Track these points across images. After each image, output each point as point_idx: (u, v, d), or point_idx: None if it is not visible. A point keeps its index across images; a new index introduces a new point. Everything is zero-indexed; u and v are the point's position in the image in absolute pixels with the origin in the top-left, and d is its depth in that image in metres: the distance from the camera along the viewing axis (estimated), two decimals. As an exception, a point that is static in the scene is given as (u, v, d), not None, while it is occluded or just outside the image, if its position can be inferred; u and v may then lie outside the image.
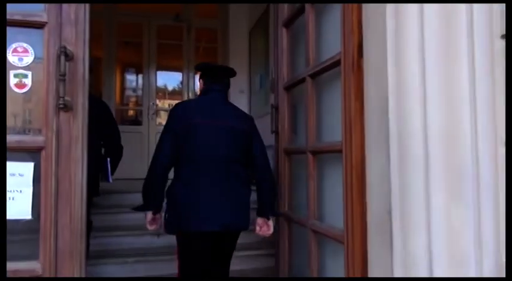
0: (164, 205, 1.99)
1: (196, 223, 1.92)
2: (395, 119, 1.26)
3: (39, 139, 1.33)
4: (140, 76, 6.49)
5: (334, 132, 1.64)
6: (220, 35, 6.35)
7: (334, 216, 1.68)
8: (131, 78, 7.22)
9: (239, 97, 6.02)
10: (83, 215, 1.30)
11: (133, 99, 7.17)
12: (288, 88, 2.17)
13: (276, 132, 2.27)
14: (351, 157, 1.46)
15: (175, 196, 1.97)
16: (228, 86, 2.24)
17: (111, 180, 2.95)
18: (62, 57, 1.26)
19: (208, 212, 1.93)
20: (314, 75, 1.83)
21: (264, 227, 2.15)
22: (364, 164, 1.42)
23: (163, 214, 2.01)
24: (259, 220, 2.13)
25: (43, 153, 1.33)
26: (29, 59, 1.34)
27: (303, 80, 1.92)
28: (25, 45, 1.33)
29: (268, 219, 2.12)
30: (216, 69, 2.27)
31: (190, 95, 6.25)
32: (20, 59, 1.32)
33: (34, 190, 1.30)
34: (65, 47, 1.27)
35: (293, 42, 2.21)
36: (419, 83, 1.22)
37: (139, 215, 3.28)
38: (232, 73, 2.28)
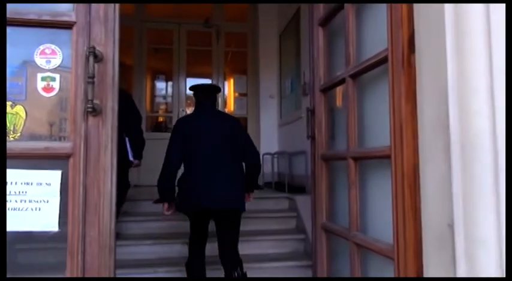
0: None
1: (197, 203, 2.66)
2: (458, 122, 1.11)
3: (67, 145, 1.27)
4: (170, 83, 6.50)
5: (378, 137, 1.58)
6: (250, 39, 6.32)
7: (380, 228, 1.58)
8: (161, 85, 7.27)
9: (269, 102, 5.98)
10: (112, 229, 1.23)
11: (163, 106, 7.20)
12: (325, 90, 2.08)
13: (312, 137, 2.18)
14: (401, 163, 1.33)
15: (183, 186, 2.73)
16: (215, 99, 2.95)
17: (131, 157, 3.31)
18: (91, 58, 1.20)
19: (205, 195, 2.64)
20: (355, 75, 1.73)
21: (248, 198, 2.90)
22: (418, 172, 1.28)
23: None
24: (246, 194, 2.87)
25: (71, 160, 1.27)
26: (57, 61, 1.28)
27: (342, 81, 1.83)
28: (53, 46, 1.29)
29: (252, 192, 2.94)
30: (204, 87, 2.96)
31: (219, 101, 6.21)
32: (48, 61, 1.27)
33: (61, 200, 1.22)
34: (93, 48, 1.22)
35: (330, 41, 2.12)
36: (486, 80, 1.07)
37: (167, 223, 3.31)
38: (218, 89, 3.05)
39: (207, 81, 6.33)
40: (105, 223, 1.24)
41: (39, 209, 1.23)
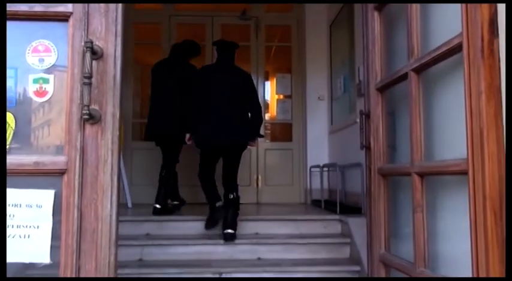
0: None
1: (210, 139, 3.83)
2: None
3: (60, 160, 1.24)
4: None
5: (451, 147, 1.53)
6: (295, 32, 6.27)
7: (455, 265, 1.51)
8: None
9: (317, 105, 5.93)
10: (112, 261, 1.18)
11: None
12: (383, 89, 2.01)
13: (366, 147, 2.13)
14: (482, 181, 1.24)
15: (199, 127, 3.87)
16: (232, 54, 4.04)
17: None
18: (88, 55, 1.17)
19: (214, 133, 3.79)
20: (420, 69, 1.66)
21: (252, 143, 4.10)
22: (504, 193, 1.16)
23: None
24: (250, 141, 4.03)
25: (65, 178, 1.24)
26: (51, 59, 1.26)
27: (404, 77, 1.76)
28: (47, 42, 1.26)
29: (255, 139, 4.13)
30: (220, 43, 4.13)
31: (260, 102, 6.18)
32: (41, 60, 1.25)
33: (53, 226, 1.19)
34: (91, 42, 1.19)
35: (388, 29, 2.08)
36: None
37: (194, 248, 3.37)
38: (234, 46, 4.10)
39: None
40: (103, 253, 1.19)
41: (28, 236, 1.19)
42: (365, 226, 2.18)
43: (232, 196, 3.88)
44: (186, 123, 4.01)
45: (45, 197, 1.22)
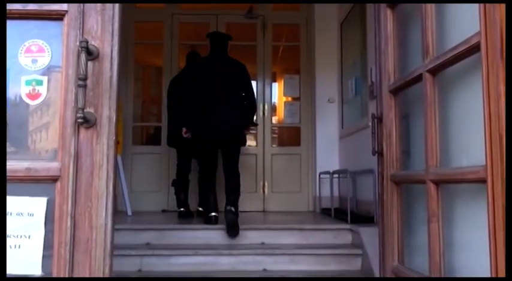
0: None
1: (208, 131, 4.15)
2: None
3: (53, 166, 1.24)
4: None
5: (469, 153, 1.53)
6: (304, 31, 6.28)
7: (472, 276, 1.49)
8: (197, 89, 7.35)
9: (327, 108, 5.92)
10: (107, 273, 1.17)
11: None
12: (396, 91, 2.00)
13: (379, 152, 2.12)
14: (501, 190, 1.21)
15: (196, 120, 4.20)
16: (225, 45, 4.41)
17: None
18: (83, 55, 1.17)
19: (213, 125, 4.10)
20: (436, 70, 1.64)
21: (247, 131, 4.51)
22: None
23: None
24: (245, 129, 4.42)
25: (58, 185, 1.24)
26: (45, 60, 1.26)
27: (418, 79, 1.75)
28: (40, 42, 1.26)
29: (248, 127, 4.48)
30: (213, 34, 4.59)
31: (266, 107, 6.17)
32: (34, 61, 1.25)
33: (45, 235, 1.18)
34: (86, 42, 1.19)
35: (402, 28, 2.07)
36: None
37: (197, 259, 3.47)
38: (227, 37, 4.53)
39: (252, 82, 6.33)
40: (97, 264, 1.19)
41: (19, 247, 1.18)
42: (377, 236, 2.17)
43: (232, 184, 4.24)
44: (182, 118, 4.42)
45: (37, 205, 1.21)
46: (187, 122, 4.29)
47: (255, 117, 5.20)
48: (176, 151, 5.17)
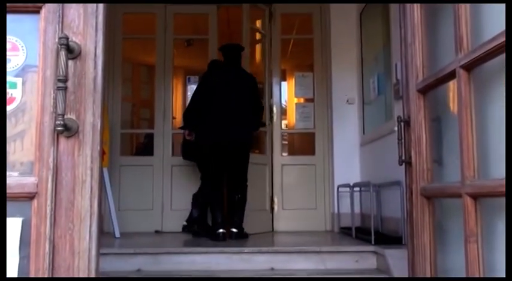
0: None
1: (215, 138, 4.83)
2: None
3: (29, 182, 1.25)
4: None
5: None
6: (317, 21, 6.30)
7: None
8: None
9: (346, 110, 5.90)
10: None
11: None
12: (426, 90, 2.02)
13: (406, 162, 2.14)
14: None
15: (204, 127, 4.92)
16: (237, 56, 5.16)
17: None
18: (63, 53, 1.18)
19: (221, 133, 4.81)
20: (471, 66, 1.65)
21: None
22: None
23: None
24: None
25: (34, 203, 1.25)
26: (19, 60, 1.28)
27: (451, 76, 1.76)
28: (14, 39, 1.28)
29: (257, 128, 5.31)
30: (225, 46, 5.29)
31: (275, 110, 6.19)
32: (7, 61, 1.26)
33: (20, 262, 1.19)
34: (66, 38, 1.20)
35: (431, 17, 2.10)
36: None
37: None
38: (239, 48, 5.24)
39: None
40: (82, 301, 1.19)
41: (-10, 277, 1.19)
42: (406, 259, 2.17)
43: (237, 197, 4.88)
44: (186, 120, 5.16)
45: (10, 226, 1.22)
46: (193, 126, 5.07)
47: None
48: (197, 164, 5.44)
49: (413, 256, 2.05)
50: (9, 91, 1.26)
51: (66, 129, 1.23)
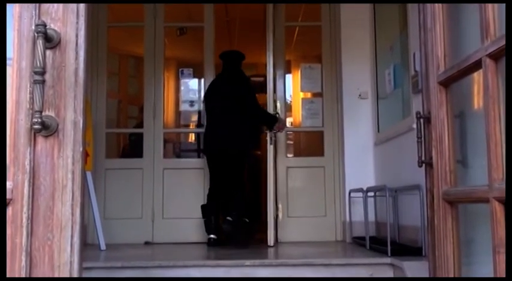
0: None
1: (210, 146, 5.55)
2: None
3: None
4: (203, 81, 6.58)
5: None
6: (326, 7, 6.29)
7: None
8: (189, 85, 7.38)
9: (358, 105, 5.89)
10: None
11: (194, 116, 7.32)
12: (448, 82, 2.04)
13: (427, 163, 2.16)
14: None
15: (204, 135, 5.70)
16: (235, 63, 5.74)
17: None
18: (40, 42, 1.17)
19: (215, 142, 5.46)
20: (499, 55, 1.66)
21: (279, 129, 5.73)
22: None
23: None
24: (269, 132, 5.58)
25: (9, 211, 1.25)
26: (-10, 50, 1.27)
27: (476, 66, 1.78)
28: (-15, 28, 1.27)
29: (271, 128, 5.55)
30: (223, 53, 5.82)
31: (278, 106, 6.17)
32: (-24, 52, 1.26)
33: (-6, 277, 1.19)
34: (44, 25, 1.20)
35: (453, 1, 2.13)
36: None
37: None
38: (237, 56, 5.81)
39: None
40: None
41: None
42: (427, 272, 2.20)
43: (232, 196, 5.47)
44: None
45: (-18, 237, 1.22)
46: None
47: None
48: None
49: (434, 269, 2.06)
50: (-20, 86, 1.27)
51: (44, 128, 1.23)
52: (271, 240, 5.33)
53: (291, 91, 6.93)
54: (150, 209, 5.81)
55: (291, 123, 6.68)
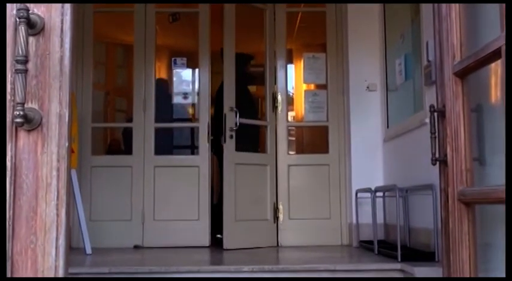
0: None
1: None
2: None
3: None
4: (197, 72, 6.58)
5: None
6: (331, -9, 6.26)
7: None
8: (182, 75, 7.39)
9: (366, 98, 5.89)
10: None
11: (189, 109, 7.31)
12: (464, 73, 2.04)
13: (441, 161, 2.16)
14: None
15: None
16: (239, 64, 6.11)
17: None
18: (22, 28, 1.17)
19: None
20: None
21: None
22: None
23: None
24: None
25: None
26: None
27: (495, 55, 1.77)
28: (-38, 12, 1.26)
29: None
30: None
31: (279, 98, 6.18)
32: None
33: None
34: (26, 10, 1.20)
35: None
36: None
37: None
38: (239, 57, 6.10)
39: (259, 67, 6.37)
40: None
41: None
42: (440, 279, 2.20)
43: None
44: None
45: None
46: None
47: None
48: None
49: (449, 275, 2.07)
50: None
51: (27, 121, 1.24)
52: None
53: (293, 83, 6.93)
54: (140, 211, 5.81)
55: (293, 117, 6.66)
